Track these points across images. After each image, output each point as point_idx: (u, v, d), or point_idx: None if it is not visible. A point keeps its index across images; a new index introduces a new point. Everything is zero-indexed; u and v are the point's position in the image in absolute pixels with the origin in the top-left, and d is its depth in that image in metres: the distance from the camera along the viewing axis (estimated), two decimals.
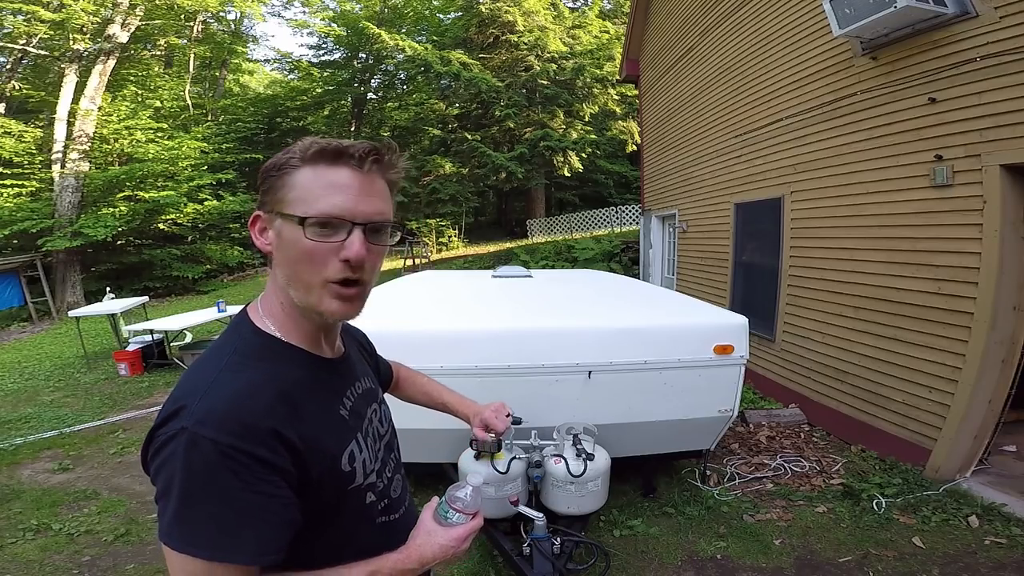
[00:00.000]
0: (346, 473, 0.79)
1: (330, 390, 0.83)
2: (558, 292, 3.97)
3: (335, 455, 0.77)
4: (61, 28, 14.01)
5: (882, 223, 3.79)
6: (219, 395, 0.67)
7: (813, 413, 4.52)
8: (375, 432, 0.91)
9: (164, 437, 0.65)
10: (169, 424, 0.66)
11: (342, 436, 0.80)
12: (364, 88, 23.83)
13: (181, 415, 0.65)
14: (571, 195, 24.10)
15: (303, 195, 0.72)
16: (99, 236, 13.19)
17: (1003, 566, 2.57)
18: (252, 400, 0.68)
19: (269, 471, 0.66)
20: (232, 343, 0.77)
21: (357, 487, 0.81)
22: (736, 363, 2.80)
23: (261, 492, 0.65)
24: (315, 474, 0.73)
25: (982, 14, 3.02)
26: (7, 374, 7.55)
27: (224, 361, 0.73)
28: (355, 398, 0.88)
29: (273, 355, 0.76)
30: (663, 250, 8.95)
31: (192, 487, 0.63)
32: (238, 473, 0.64)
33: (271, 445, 0.67)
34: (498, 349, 2.65)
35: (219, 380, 0.69)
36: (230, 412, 0.65)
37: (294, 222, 0.72)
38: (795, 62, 4.69)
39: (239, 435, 0.64)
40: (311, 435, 0.73)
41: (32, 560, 2.86)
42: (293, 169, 0.73)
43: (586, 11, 21.92)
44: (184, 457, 0.62)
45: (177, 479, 0.63)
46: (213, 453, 0.62)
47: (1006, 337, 3.09)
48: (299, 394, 0.74)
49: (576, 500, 2.52)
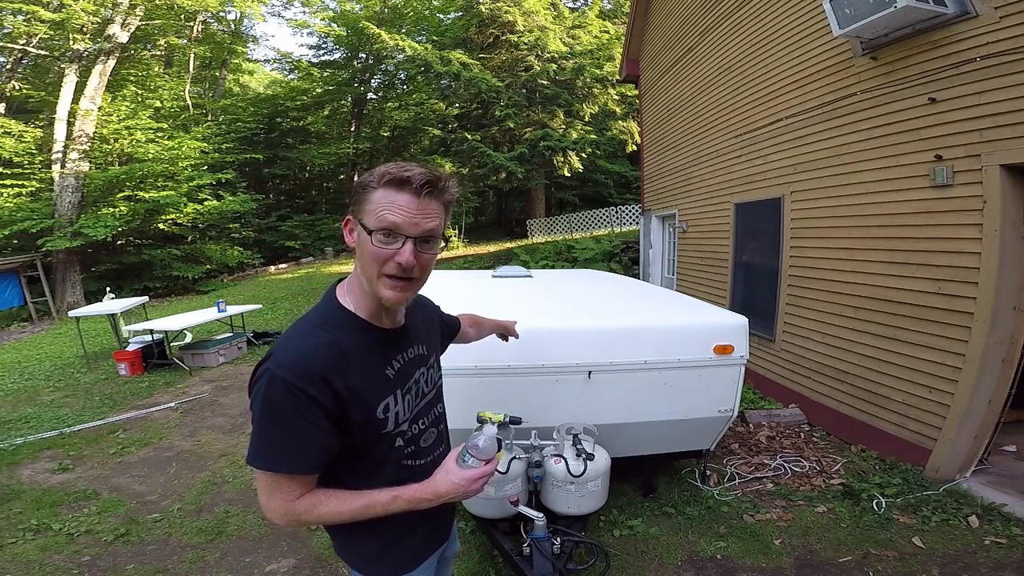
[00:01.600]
0: (379, 420, 1.03)
1: (381, 354, 1.08)
2: (558, 292, 3.97)
3: (372, 404, 1.02)
4: (61, 28, 14.02)
5: (882, 223, 3.79)
6: (296, 348, 0.96)
7: (813, 413, 4.52)
8: (419, 391, 1.16)
9: (259, 372, 0.96)
10: (264, 364, 0.96)
11: (381, 390, 1.05)
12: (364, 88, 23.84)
13: (271, 359, 0.95)
14: (571, 195, 24.11)
15: (374, 210, 0.97)
16: (99, 236, 13.20)
17: (1003, 566, 2.57)
18: (314, 354, 0.95)
19: (315, 406, 0.93)
20: (319, 311, 1.07)
21: (388, 432, 1.06)
22: (736, 363, 2.80)
23: (308, 420, 0.93)
24: (353, 416, 0.98)
25: (982, 14, 3.02)
26: (7, 374, 7.55)
27: (311, 322, 1.03)
28: (404, 361, 1.12)
29: (342, 323, 1.04)
30: (663, 250, 8.95)
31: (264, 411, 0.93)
32: (295, 404, 0.92)
33: (320, 388, 0.93)
34: (498, 349, 2.65)
35: (299, 335, 1.00)
36: (297, 360, 0.94)
37: (365, 230, 0.98)
38: (795, 62, 4.69)
39: (300, 376, 0.92)
40: (355, 385, 0.98)
41: (32, 560, 2.86)
42: (372, 189, 0.98)
43: (586, 11, 21.90)
44: (265, 386, 0.93)
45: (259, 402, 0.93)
46: (282, 386, 0.91)
47: (1006, 337, 3.09)
48: (354, 354, 1.01)
49: (576, 500, 2.52)
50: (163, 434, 4.75)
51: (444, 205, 1.04)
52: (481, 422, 2.46)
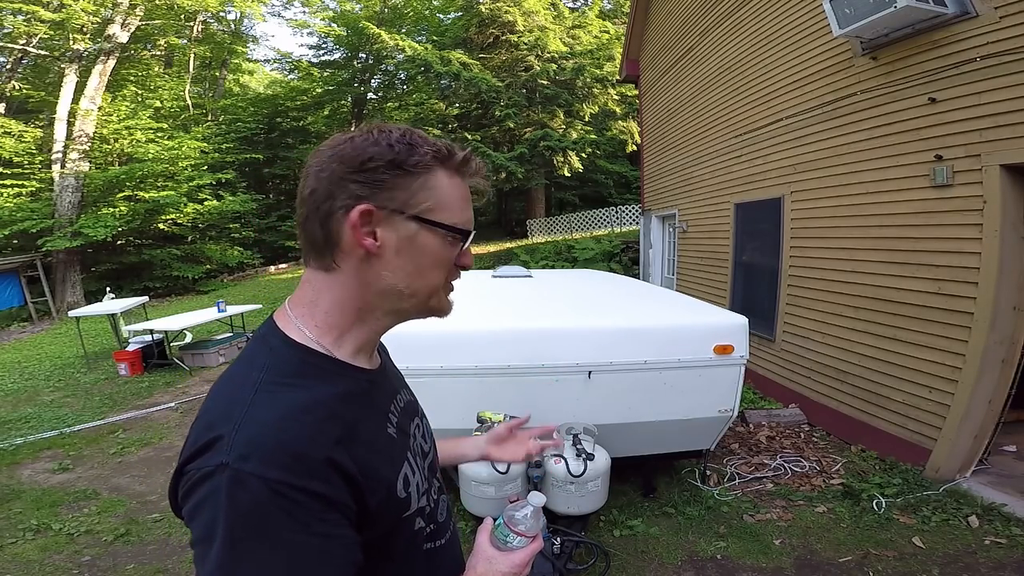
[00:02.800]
0: (402, 500, 0.71)
1: (377, 407, 0.74)
2: (558, 292, 3.97)
3: (391, 480, 0.69)
4: (61, 28, 14.01)
5: (882, 223, 3.79)
6: (260, 421, 0.58)
7: (813, 413, 4.52)
8: (420, 449, 0.83)
9: (199, 474, 0.56)
10: (204, 458, 0.57)
11: (395, 458, 0.73)
12: (364, 88, 23.83)
13: (218, 448, 0.56)
14: (571, 195, 24.10)
15: (447, 202, 0.70)
16: (99, 236, 13.19)
17: (1003, 566, 2.57)
18: (299, 424, 0.59)
19: (326, 508, 0.58)
20: (262, 358, 0.67)
21: (412, 514, 0.74)
22: (736, 363, 2.80)
23: (319, 533, 0.57)
24: (373, 505, 0.65)
25: (982, 14, 3.02)
26: (7, 374, 7.55)
27: (256, 380, 0.63)
28: (399, 413, 0.80)
29: (314, 370, 0.67)
30: (663, 250, 8.95)
31: (240, 532, 0.54)
32: (292, 513, 0.55)
33: (326, 476, 0.59)
34: (498, 349, 2.65)
35: (257, 403, 0.60)
36: (276, 442, 0.57)
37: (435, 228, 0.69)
38: (795, 62, 4.69)
39: (289, 469, 0.56)
40: (366, 460, 0.65)
41: (32, 560, 2.86)
42: (428, 169, 0.69)
43: (586, 11, 21.89)
44: (228, 498, 0.54)
45: (222, 523, 0.54)
46: (263, 492, 0.54)
47: (1006, 337, 3.09)
48: (349, 414, 0.66)
49: (576, 500, 2.53)
50: (163, 434, 4.75)
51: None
52: (481, 422, 2.47)
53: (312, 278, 0.72)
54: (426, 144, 0.69)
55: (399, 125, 0.71)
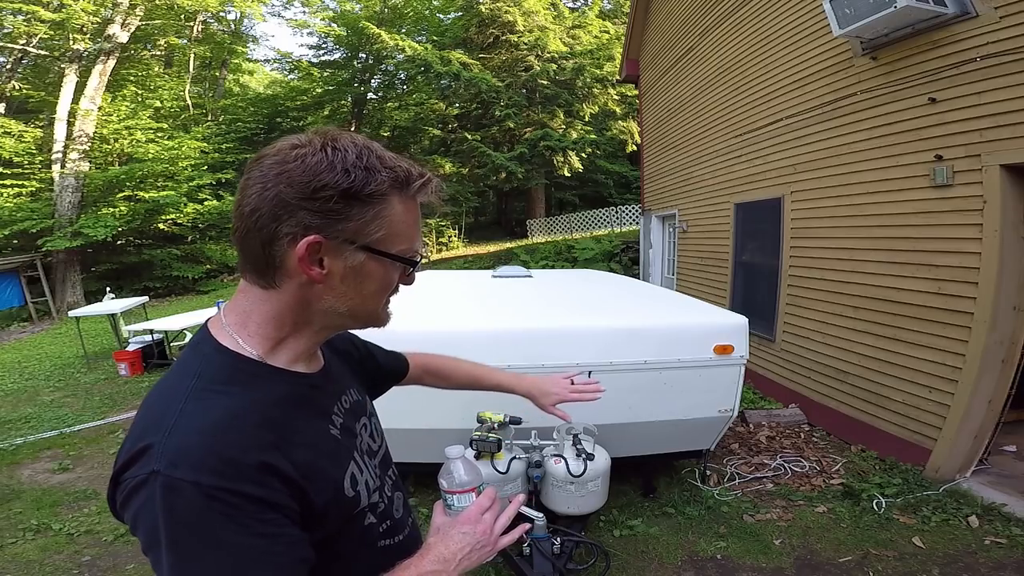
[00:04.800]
0: (351, 498, 0.72)
1: (317, 409, 0.74)
2: (558, 292, 3.97)
3: (337, 479, 0.71)
4: (61, 28, 14.01)
5: (882, 223, 3.79)
6: (190, 428, 0.58)
7: (813, 413, 4.52)
8: (368, 448, 0.84)
9: (133, 483, 0.56)
10: (136, 467, 0.57)
11: (340, 457, 0.73)
12: (364, 88, 23.81)
13: (148, 456, 0.56)
14: (571, 195, 24.10)
15: (398, 230, 0.68)
16: (99, 236, 13.19)
17: (1003, 566, 2.57)
18: (229, 430, 0.59)
19: (264, 509, 0.58)
20: (194, 365, 0.66)
21: (362, 510, 0.75)
22: (736, 363, 2.80)
23: (261, 534, 0.57)
24: (320, 504, 0.65)
25: (982, 14, 3.02)
26: (7, 374, 7.55)
27: (187, 387, 0.63)
28: (343, 414, 0.80)
29: (246, 376, 0.67)
30: (663, 250, 8.95)
31: (182, 539, 0.55)
32: (231, 516, 0.55)
33: (260, 480, 0.58)
34: (498, 349, 2.65)
35: (186, 411, 0.60)
36: (206, 448, 0.57)
37: (385, 259, 0.69)
38: (795, 62, 4.69)
39: (221, 474, 0.56)
40: (307, 461, 0.65)
41: (32, 560, 2.86)
42: (383, 199, 0.66)
43: (586, 11, 21.90)
44: (164, 505, 0.54)
45: (163, 531, 0.54)
46: (197, 497, 0.54)
47: (1006, 337, 3.09)
48: (284, 417, 0.66)
49: (576, 500, 2.53)
50: None
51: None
52: (481, 422, 2.47)
53: (248, 290, 0.70)
54: (383, 169, 0.66)
55: (356, 139, 0.67)
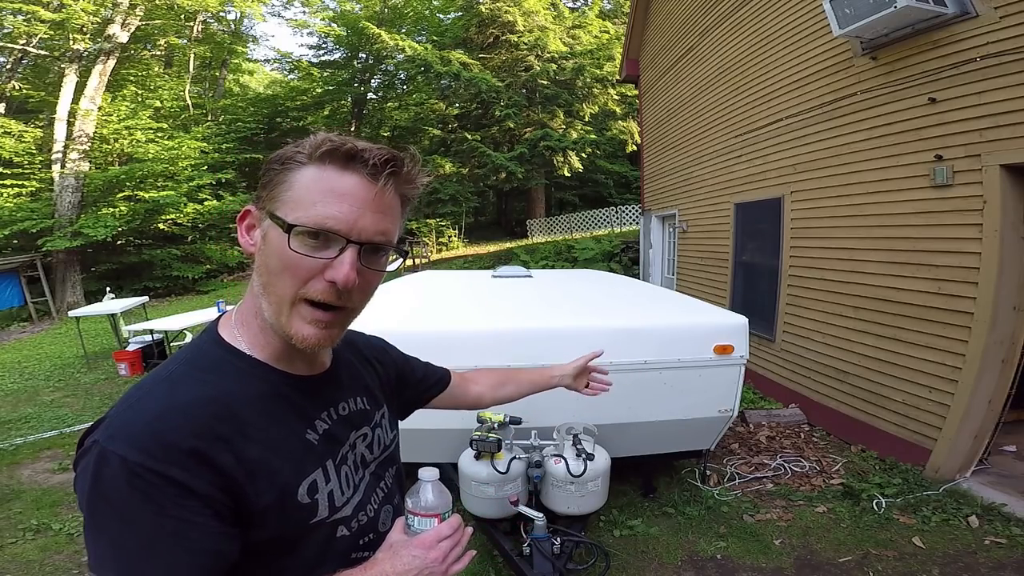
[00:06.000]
0: (304, 505, 0.69)
1: (297, 411, 0.73)
2: (558, 292, 3.97)
3: (289, 484, 0.68)
4: (61, 28, 14.00)
5: (882, 223, 3.79)
6: (144, 408, 0.61)
7: (813, 413, 4.52)
8: (357, 459, 0.81)
9: (83, 448, 0.61)
10: (91, 436, 0.61)
11: (302, 464, 0.70)
12: (364, 88, 23.81)
13: (101, 427, 0.60)
14: (571, 195, 24.10)
15: (300, 197, 0.64)
16: (99, 236, 13.19)
17: (1003, 566, 2.57)
18: (180, 415, 0.60)
19: (184, 495, 0.58)
20: (187, 352, 0.70)
21: (321, 521, 0.71)
22: (736, 363, 2.80)
23: (174, 516, 0.57)
24: (260, 505, 0.64)
25: (982, 14, 3.02)
26: (7, 374, 7.55)
27: (169, 371, 0.66)
28: (333, 421, 0.77)
29: (228, 368, 0.68)
30: (663, 250, 8.95)
31: (99, 508, 0.57)
32: (148, 496, 0.56)
33: (187, 466, 0.58)
34: (498, 349, 2.65)
35: (153, 392, 0.63)
36: (148, 427, 0.58)
37: (282, 226, 0.64)
38: (795, 62, 4.69)
39: (150, 453, 0.57)
40: (258, 460, 0.64)
41: (32, 560, 2.86)
42: (297, 166, 0.65)
43: (586, 11, 21.90)
44: (93, 473, 0.57)
45: (87, 495, 0.58)
46: (121, 471, 0.56)
47: (1006, 337, 3.09)
48: (250, 414, 0.66)
49: (576, 500, 2.53)
50: None
51: (403, 200, 0.72)
52: (481, 422, 2.47)
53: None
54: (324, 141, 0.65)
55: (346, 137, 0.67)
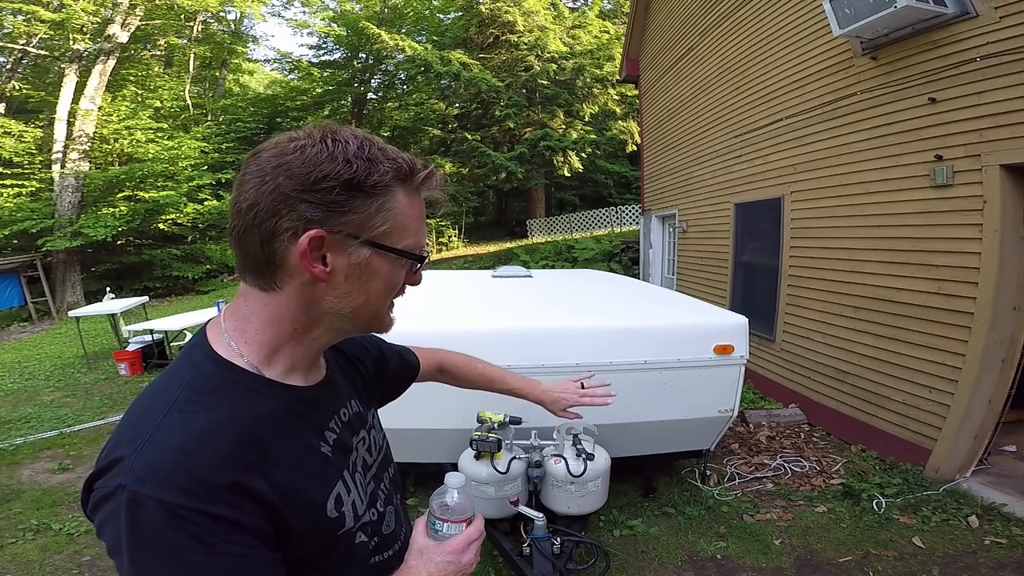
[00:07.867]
0: (334, 519, 0.69)
1: (310, 425, 0.71)
2: (558, 292, 3.97)
3: (319, 501, 0.67)
4: (61, 28, 14.00)
5: (882, 223, 3.79)
6: (164, 443, 0.56)
7: (813, 413, 4.52)
8: (362, 463, 0.81)
9: (102, 493, 0.55)
10: (106, 477, 0.56)
11: (326, 479, 0.70)
12: (364, 88, 23.81)
13: (119, 469, 0.55)
14: (571, 195, 24.11)
15: (403, 225, 0.66)
16: (99, 236, 13.19)
17: (1003, 566, 2.57)
18: (205, 447, 0.57)
19: (232, 530, 0.56)
20: (185, 373, 0.64)
21: (348, 531, 0.72)
22: (736, 363, 2.80)
23: (227, 554, 0.55)
24: (296, 526, 0.63)
25: (982, 14, 3.02)
26: (7, 374, 7.55)
27: (172, 397, 0.61)
28: (340, 429, 0.77)
29: (236, 389, 0.64)
30: (663, 250, 8.95)
31: (145, 554, 0.53)
32: (196, 536, 0.54)
33: (231, 501, 0.56)
34: (498, 349, 2.65)
35: (165, 423, 0.58)
36: (177, 465, 0.55)
37: (391, 255, 0.66)
38: (795, 62, 4.69)
39: (190, 493, 0.54)
40: (287, 482, 0.62)
41: (32, 560, 2.86)
42: (387, 191, 0.64)
43: (586, 11, 21.90)
44: (128, 519, 0.53)
45: (126, 543, 0.53)
46: (161, 515, 0.52)
47: (1006, 337, 3.09)
48: (270, 435, 0.63)
49: (576, 500, 2.53)
50: None
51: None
52: (481, 422, 2.47)
53: (248, 294, 0.68)
54: (386, 160, 0.64)
55: (356, 132, 0.65)
